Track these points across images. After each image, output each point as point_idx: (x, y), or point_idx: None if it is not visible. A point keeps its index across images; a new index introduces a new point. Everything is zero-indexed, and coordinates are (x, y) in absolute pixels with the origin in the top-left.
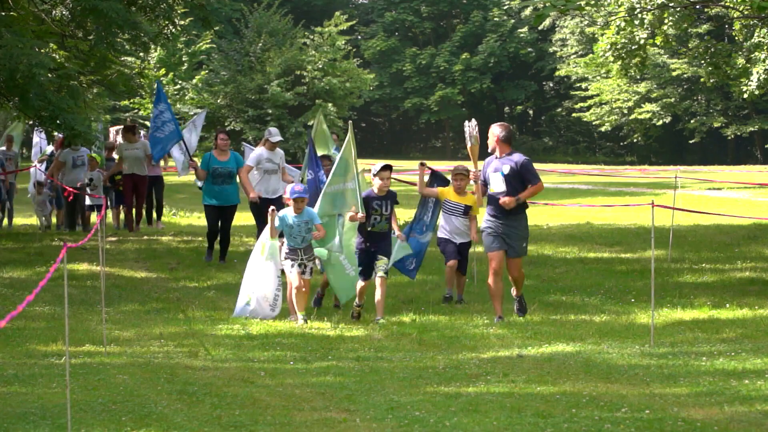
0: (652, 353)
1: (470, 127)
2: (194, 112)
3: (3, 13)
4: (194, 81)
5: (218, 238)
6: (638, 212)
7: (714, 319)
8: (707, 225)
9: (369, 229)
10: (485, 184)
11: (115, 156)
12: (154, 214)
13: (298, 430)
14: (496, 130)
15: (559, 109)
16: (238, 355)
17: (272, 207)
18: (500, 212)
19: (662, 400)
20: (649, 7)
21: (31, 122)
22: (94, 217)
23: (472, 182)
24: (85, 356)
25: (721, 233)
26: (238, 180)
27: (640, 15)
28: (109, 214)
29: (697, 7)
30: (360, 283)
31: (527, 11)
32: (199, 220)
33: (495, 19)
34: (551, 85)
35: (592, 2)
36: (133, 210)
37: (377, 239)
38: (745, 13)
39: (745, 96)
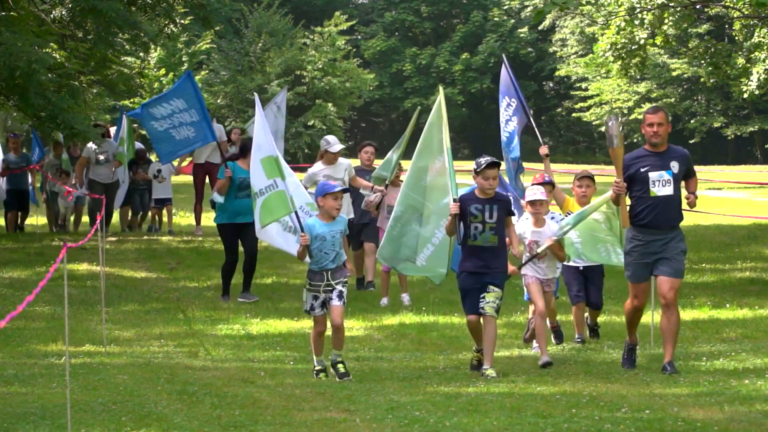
0: (652, 353)
1: (613, 124)
2: None
3: (3, 13)
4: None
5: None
6: None
7: (714, 319)
8: (707, 225)
9: (468, 242)
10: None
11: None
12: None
13: (298, 430)
14: (659, 116)
15: (559, 109)
16: (238, 355)
17: (303, 234)
18: (659, 222)
19: (662, 400)
20: (649, 7)
21: (31, 122)
22: (137, 216)
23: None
24: (85, 356)
25: (721, 233)
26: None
27: (640, 15)
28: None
29: (697, 7)
30: (467, 318)
31: (527, 10)
32: (208, 219)
33: (495, 19)
34: (551, 85)
35: (592, 1)
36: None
37: (483, 257)
38: (745, 12)
39: (745, 96)
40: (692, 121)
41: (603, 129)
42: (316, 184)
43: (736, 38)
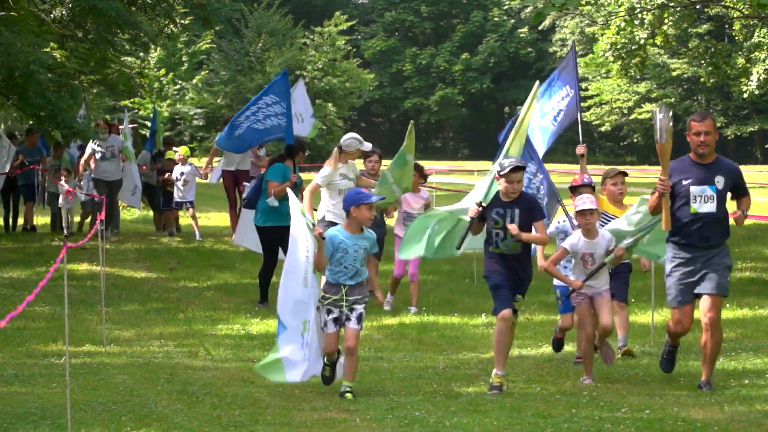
0: (652, 353)
1: (662, 116)
2: (194, 112)
3: (2, 13)
4: (194, 81)
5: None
6: None
7: None
8: None
9: (490, 249)
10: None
11: (176, 151)
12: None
13: (298, 430)
14: (707, 124)
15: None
16: (238, 355)
17: (318, 230)
18: (699, 242)
19: (662, 400)
20: (649, 7)
21: (31, 122)
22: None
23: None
24: (85, 356)
25: None
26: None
27: (640, 15)
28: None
29: (697, 7)
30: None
31: (527, 11)
32: (208, 220)
33: (495, 19)
34: None
35: (592, 1)
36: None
37: (507, 265)
38: (745, 12)
39: (745, 96)
40: None
41: (657, 119)
42: (331, 185)
43: (736, 38)
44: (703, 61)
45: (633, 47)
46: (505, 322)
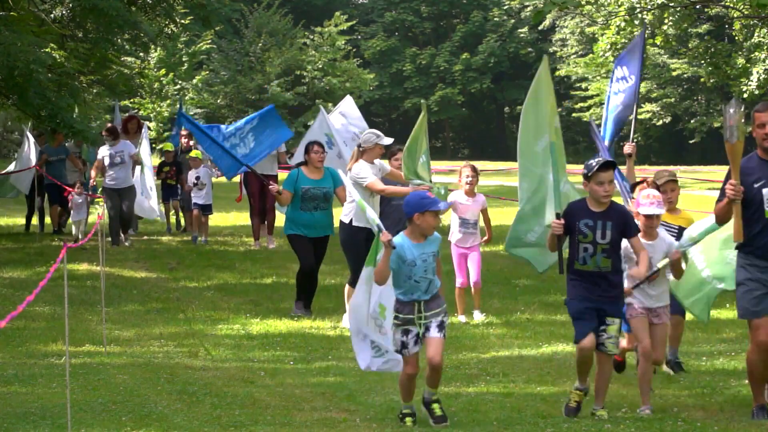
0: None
1: (733, 113)
2: (194, 112)
3: (2, 13)
4: (194, 81)
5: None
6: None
7: (714, 319)
8: None
9: (576, 266)
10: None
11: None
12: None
13: (298, 430)
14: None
15: (559, 109)
16: (238, 355)
17: (387, 236)
18: None
19: (662, 400)
20: (649, 7)
21: (31, 122)
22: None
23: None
24: (85, 356)
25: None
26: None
27: (640, 15)
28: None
29: (697, 7)
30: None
31: (528, 10)
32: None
33: (495, 19)
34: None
35: (592, 1)
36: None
37: (594, 284)
38: (745, 12)
39: (745, 96)
40: (692, 121)
41: (729, 115)
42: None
43: (736, 38)
44: (703, 61)
45: None
46: (583, 352)
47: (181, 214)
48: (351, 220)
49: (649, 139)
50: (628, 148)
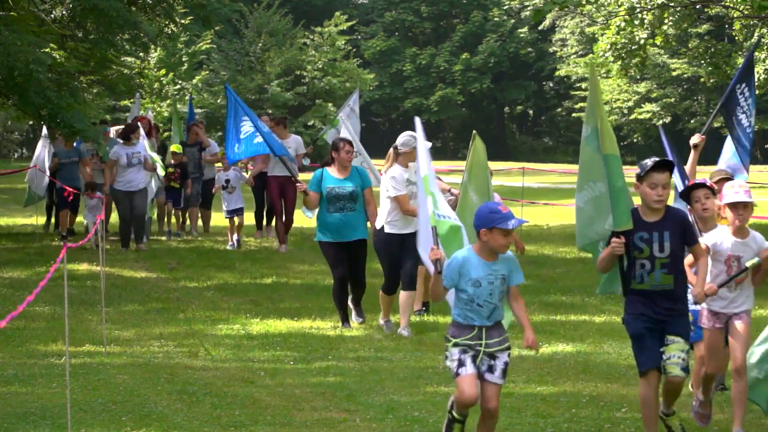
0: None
1: None
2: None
3: (2, 13)
4: (194, 81)
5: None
6: None
7: None
8: None
9: (632, 285)
10: None
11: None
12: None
13: (298, 430)
14: None
15: (559, 109)
16: (238, 355)
17: (437, 252)
18: None
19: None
20: (649, 7)
21: (31, 122)
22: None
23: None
24: (85, 356)
25: None
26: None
27: (640, 15)
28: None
29: (697, 7)
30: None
31: (527, 11)
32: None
33: (495, 19)
34: (551, 85)
35: (592, 0)
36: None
37: (654, 302)
38: (745, 13)
39: None
40: (692, 121)
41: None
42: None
43: (736, 38)
44: (703, 61)
45: (633, 47)
46: (649, 387)
47: (177, 218)
48: (383, 227)
49: (649, 139)
50: (695, 138)
